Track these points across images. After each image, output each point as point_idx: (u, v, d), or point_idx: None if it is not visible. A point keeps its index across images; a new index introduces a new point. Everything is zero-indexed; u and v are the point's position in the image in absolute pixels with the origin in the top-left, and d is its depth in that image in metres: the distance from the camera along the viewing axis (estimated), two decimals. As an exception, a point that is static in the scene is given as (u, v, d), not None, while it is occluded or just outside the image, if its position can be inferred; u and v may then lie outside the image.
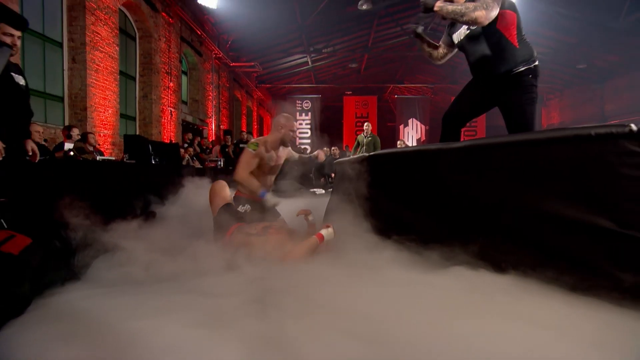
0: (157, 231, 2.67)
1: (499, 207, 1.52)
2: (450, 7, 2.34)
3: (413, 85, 20.58)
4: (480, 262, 1.53)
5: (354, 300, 1.46)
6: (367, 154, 2.44)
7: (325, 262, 2.01)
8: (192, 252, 2.26)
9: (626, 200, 1.15)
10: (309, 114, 17.55)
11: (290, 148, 3.46)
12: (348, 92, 19.07)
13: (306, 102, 17.64)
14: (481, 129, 17.52)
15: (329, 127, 18.29)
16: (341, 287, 1.61)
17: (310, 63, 16.24)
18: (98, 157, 5.08)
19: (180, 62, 10.68)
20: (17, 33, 2.68)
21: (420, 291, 1.45)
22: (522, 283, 1.35)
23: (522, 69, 2.44)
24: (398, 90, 20.97)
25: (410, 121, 17.85)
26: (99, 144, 6.51)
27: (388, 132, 19.66)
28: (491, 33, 2.42)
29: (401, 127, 17.99)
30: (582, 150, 1.24)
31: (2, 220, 3.35)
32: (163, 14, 9.37)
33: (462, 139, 2.22)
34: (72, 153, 4.33)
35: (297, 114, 17.65)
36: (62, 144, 4.86)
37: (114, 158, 5.78)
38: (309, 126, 17.50)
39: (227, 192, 2.77)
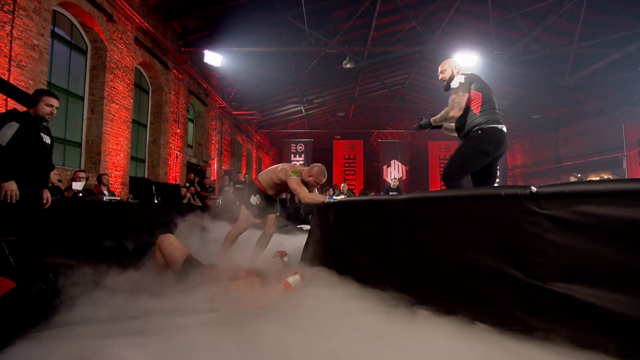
0: (144, 271, 2.63)
1: (432, 255, 1.54)
2: (437, 117, 2.89)
3: (395, 130, 21.01)
4: (418, 305, 1.53)
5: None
6: (333, 201, 2.47)
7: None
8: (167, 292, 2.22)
9: (529, 253, 1.17)
10: (302, 155, 17.76)
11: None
12: (337, 137, 19.39)
13: (300, 145, 17.89)
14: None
15: (320, 167, 18.43)
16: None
17: (303, 111, 16.61)
18: (106, 198, 5.08)
19: (187, 111, 10.90)
20: (56, 104, 2.92)
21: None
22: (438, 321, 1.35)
23: (476, 128, 2.70)
24: (382, 134, 21.37)
25: (392, 162, 18.09)
26: (110, 183, 6.52)
27: (373, 172, 19.87)
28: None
29: (385, 167, 18.20)
30: (495, 208, 1.28)
31: (10, 257, 3.31)
32: (174, 71, 9.66)
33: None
34: (81, 194, 4.34)
35: (292, 155, 17.86)
36: (70, 185, 4.87)
37: (119, 198, 5.78)
38: (302, 167, 17.62)
39: (180, 244, 2.54)
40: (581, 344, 1.02)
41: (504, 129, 2.71)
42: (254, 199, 3.40)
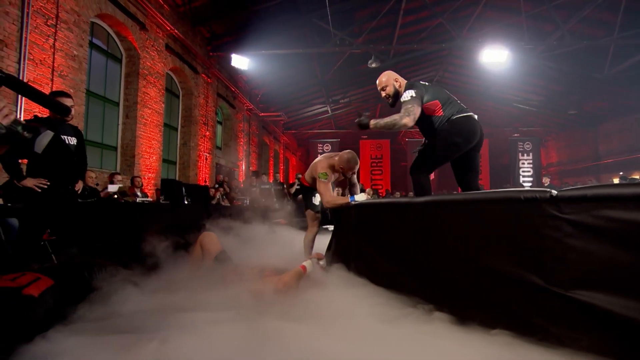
0: (172, 270, 2.74)
1: (450, 260, 1.51)
2: (382, 122, 2.60)
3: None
4: (432, 307, 1.50)
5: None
6: (354, 203, 2.47)
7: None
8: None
9: (550, 259, 1.13)
10: (329, 156, 17.77)
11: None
12: (364, 137, 19.27)
13: (327, 145, 17.91)
14: (485, 167, 17.21)
15: (346, 167, 18.39)
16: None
17: (330, 111, 16.63)
18: (139, 199, 5.31)
19: (216, 114, 11.18)
20: (71, 103, 3.02)
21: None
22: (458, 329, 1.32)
23: (442, 123, 2.60)
24: (409, 133, 21.02)
25: (419, 162, 17.76)
26: (142, 185, 6.80)
27: (400, 172, 19.58)
28: (423, 120, 2.67)
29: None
30: (514, 211, 1.24)
31: (52, 255, 3.53)
32: (203, 75, 9.94)
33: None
34: (115, 196, 4.56)
35: (319, 156, 17.87)
36: (106, 187, 5.13)
37: (151, 199, 6.02)
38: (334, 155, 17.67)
39: (218, 241, 2.81)
40: (604, 355, 0.97)
41: (474, 116, 2.59)
42: (316, 199, 3.47)
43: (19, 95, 4.94)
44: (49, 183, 2.84)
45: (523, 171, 16.43)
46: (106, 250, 2.94)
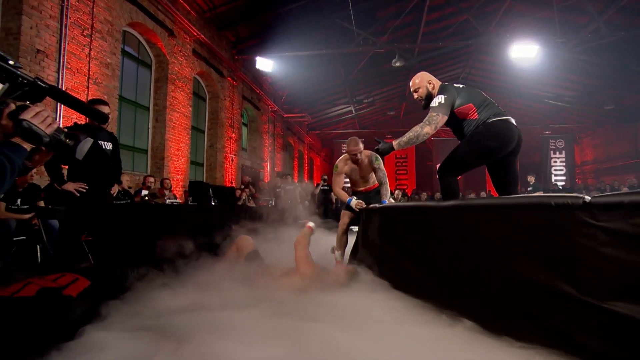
0: (204, 270, 2.82)
1: (478, 266, 1.47)
2: (404, 139, 2.58)
3: (449, 128, 20.18)
4: (460, 316, 1.47)
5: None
6: (378, 206, 2.45)
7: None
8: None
9: (584, 268, 1.08)
10: (353, 156, 17.67)
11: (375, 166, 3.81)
12: (388, 136, 19.05)
13: (350, 146, 17.83)
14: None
15: (371, 167, 18.26)
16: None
17: (354, 111, 16.57)
18: (168, 201, 5.49)
19: (242, 116, 11.39)
20: (109, 110, 3.17)
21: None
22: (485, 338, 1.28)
23: (477, 126, 2.48)
24: (435, 132, 20.64)
25: (446, 161, 17.38)
26: (171, 186, 7.02)
27: (426, 171, 19.25)
28: (457, 122, 2.58)
29: (438, 166, 17.56)
30: (545, 218, 1.20)
31: (89, 255, 3.70)
32: (228, 78, 10.14)
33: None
34: (146, 198, 4.74)
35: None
36: (140, 190, 5.34)
37: (180, 201, 6.21)
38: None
39: (252, 243, 3.02)
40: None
41: (511, 120, 2.44)
42: (354, 201, 3.62)
43: (58, 103, 5.21)
44: (87, 187, 2.99)
45: (555, 170, 15.75)
46: (139, 250, 3.06)
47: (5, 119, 1.04)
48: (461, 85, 2.63)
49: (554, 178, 15.56)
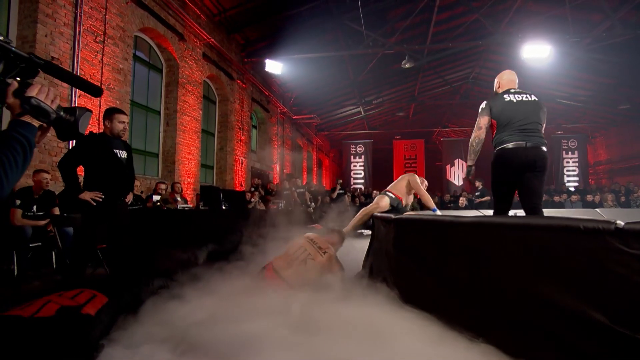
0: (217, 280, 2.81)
1: (498, 285, 1.43)
2: (470, 149, 3.04)
3: (458, 128, 20.03)
4: (476, 336, 1.44)
5: None
6: (394, 217, 2.42)
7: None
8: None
9: (615, 297, 1.04)
10: (362, 157, 17.63)
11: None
12: (397, 137, 18.97)
13: (360, 147, 17.79)
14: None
15: (380, 168, 18.21)
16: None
17: (362, 112, 16.51)
18: (180, 205, 5.52)
19: (251, 118, 11.42)
20: (127, 120, 3.19)
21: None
22: None
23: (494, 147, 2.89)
24: (444, 132, 20.49)
25: (456, 161, 17.22)
26: (182, 190, 7.06)
27: (436, 171, 19.12)
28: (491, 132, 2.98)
29: (448, 167, 17.40)
30: (573, 241, 1.16)
31: (104, 262, 3.73)
32: (238, 81, 10.17)
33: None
34: (158, 203, 4.77)
35: (352, 157, 17.82)
36: (151, 195, 5.37)
37: (191, 206, 6.24)
38: (362, 168, 17.54)
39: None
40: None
41: (509, 146, 2.68)
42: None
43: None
44: (103, 196, 3.01)
45: (568, 170, 15.47)
46: (152, 259, 3.08)
47: (12, 97, 1.01)
48: (509, 97, 2.83)
49: (566, 179, 15.28)
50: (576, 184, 14.79)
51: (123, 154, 3.21)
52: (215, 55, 9.03)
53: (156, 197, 5.04)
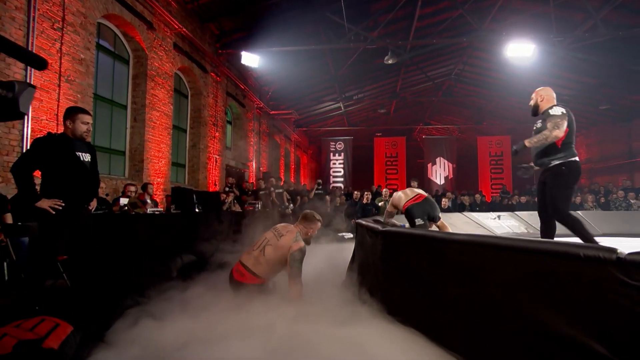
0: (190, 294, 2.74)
1: (494, 308, 1.45)
2: (534, 139, 3.28)
3: (440, 125, 20.40)
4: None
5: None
6: (381, 229, 2.41)
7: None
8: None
9: (616, 328, 1.06)
10: (342, 154, 17.68)
11: None
12: (378, 134, 19.12)
13: (339, 144, 17.83)
14: (507, 165, 16.89)
15: (360, 166, 18.31)
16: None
17: (342, 108, 16.53)
18: (149, 209, 5.34)
19: (226, 113, 11.21)
20: (91, 120, 3.05)
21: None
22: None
23: (557, 162, 3.21)
24: (426, 130, 20.81)
25: (438, 160, 17.55)
26: (153, 191, 6.84)
27: (417, 169, 19.40)
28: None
29: (429, 165, 17.70)
30: (573, 269, 1.17)
31: (64, 275, 3.56)
32: (212, 74, 9.95)
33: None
34: (126, 208, 4.59)
35: (331, 154, 17.84)
36: (118, 198, 5.17)
37: (162, 209, 6.06)
38: (342, 166, 17.60)
39: None
40: None
41: (578, 158, 3.27)
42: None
43: (27, 119, 4.99)
44: (64, 204, 2.85)
45: (549, 169, 16.05)
46: (120, 269, 2.95)
47: None
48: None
49: (547, 178, 15.85)
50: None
51: (86, 157, 3.04)
52: (188, 46, 8.78)
53: (124, 201, 4.85)
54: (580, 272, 1.15)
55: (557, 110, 3.21)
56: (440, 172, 17.40)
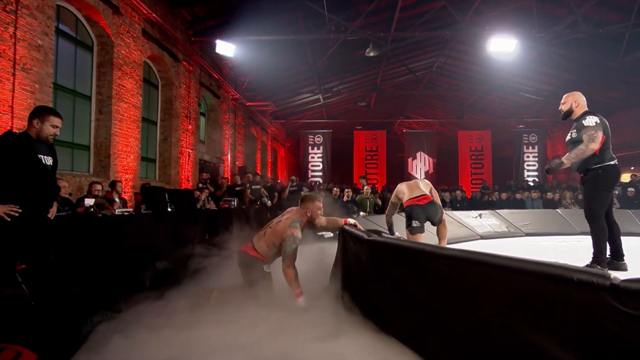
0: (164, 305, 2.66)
1: (485, 327, 1.47)
2: (572, 155, 3.47)
3: (421, 119, 20.67)
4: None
5: None
6: (366, 238, 2.40)
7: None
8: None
9: (608, 354, 1.09)
10: (321, 147, 17.65)
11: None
12: (358, 127, 19.19)
13: (318, 137, 17.78)
14: (487, 160, 17.32)
15: (340, 160, 18.35)
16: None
17: (322, 100, 16.48)
18: (118, 210, 5.17)
19: (199, 105, 10.96)
20: (61, 124, 2.96)
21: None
22: None
23: (595, 166, 3.40)
24: (407, 123, 21.04)
25: (418, 154, 17.79)
26: (121, 189, 6.61)
27: (397, 163, 19.63)
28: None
29: (410, 160, 17.93)
30: (566, 292, 1.20)
31: (23, 285, 3.40)
32: (184, 63, 9.68)
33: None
34: (92, 209, 4.42)
35: (310, 147, 17.78)
36: (83, 198, 4.96)
37: (131, 209, 5.86)
38: (321, 159, 17.58)
39: None
40: None
41: (616, 162, 3.45)
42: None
43: None
44: (20, 210, 2.70)
45: (528, 165, 16.60)
46: (86, 279, 2.84)
47: None
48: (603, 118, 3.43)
49: (526, 173, 16.40)
50: (535, 179, 15.92)
51: (48, 161, 2.90)
52: (158, 32, 8.50)
53: (89, 201, 4.66)
54: (573, 296, 1.17)
55: (591, 121, 3.34)
56: (420, 166, 17.66)
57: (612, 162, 3.40)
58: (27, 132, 2.86)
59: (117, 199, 6.10)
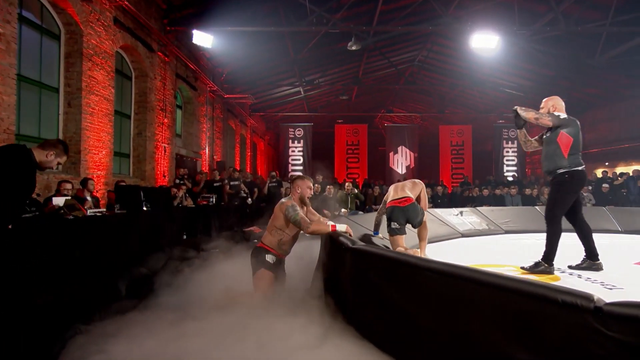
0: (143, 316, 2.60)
1: (470, 343, 1.50)
2: (529, 112, 3.73)
3: (402, 113, 20.83)
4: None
5: None
6: (350, 245, 2.40)
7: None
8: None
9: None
10: (302, 141, 17.57)
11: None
12: (339, 121, 19.19)
13: (299, 130, 17.69)
14: (468, 154, 17.64)
15: (320, 153, 18.32)
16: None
17: (302, 93, 16.38)
18: (90, 211, 5.01)
19: (175, 97, 10.71)
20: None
21: None
22: None
23: (562, 171, 3.62)
24: (388, 117, 21.17)
25: (399, 149, 17.95)
26: (94, 187, 6.42)
27: (378, 157, 19.76)
28: (553, 143, 3.70)
29: (391, 154, 18.07)
30: (551, 312, 1.23)
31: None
32: (159, 53, 9.42)
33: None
34: (62, 211, 4.27)
35: (290, 141, 17.68)
36: (51, 198, 4.78)
37: (104, 210, 5.69)
38: (301, 153, 17.52)
39: None
40: None
41: (584, 168, 3.67)
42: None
43: None
44: None
45: (507, 160, 17.01)
46: (56, 288, 2.75)
47: None
48: (578, 125, 3.76)
49: (505, 168, 16.80)
50: (514, 174, 16.33)
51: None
52: (131, 21, 8.22)
53: (58, 200, 4.49)
54: (558, 318, 1.20)
55: (562, 114, 3.73)
56: (401, 161, 17.84)
57: (579, 168, 3.61)
58: (33, 155, 2.73)
59: (88, 198, 5.92)
